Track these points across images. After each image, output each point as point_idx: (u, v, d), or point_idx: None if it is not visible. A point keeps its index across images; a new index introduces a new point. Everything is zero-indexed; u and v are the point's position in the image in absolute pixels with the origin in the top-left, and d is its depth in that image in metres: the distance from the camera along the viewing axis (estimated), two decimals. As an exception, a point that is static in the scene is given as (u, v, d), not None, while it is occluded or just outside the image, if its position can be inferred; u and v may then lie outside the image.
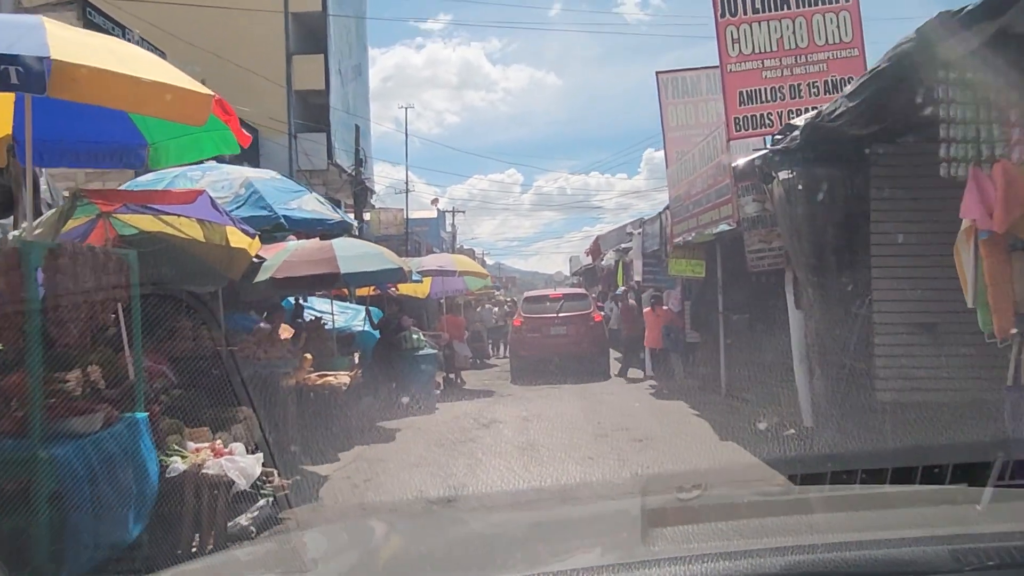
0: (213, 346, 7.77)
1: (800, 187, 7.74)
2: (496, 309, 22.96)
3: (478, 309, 21.25)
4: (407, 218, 32.85)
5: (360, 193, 26.90)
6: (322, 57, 27.80)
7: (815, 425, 8.12)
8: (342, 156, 28.37)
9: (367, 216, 41.19)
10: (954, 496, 2.12)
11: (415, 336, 12.00)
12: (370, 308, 13.33)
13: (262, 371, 7.11)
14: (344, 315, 13.46)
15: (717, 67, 12.42)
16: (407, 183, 33.38)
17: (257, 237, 6.90)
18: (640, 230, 14.83)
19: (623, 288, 19.75)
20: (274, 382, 7.26)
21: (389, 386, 12.00)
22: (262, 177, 8.07)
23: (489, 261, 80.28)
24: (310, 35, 28.49)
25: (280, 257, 10.36)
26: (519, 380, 15.36)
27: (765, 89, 8.33)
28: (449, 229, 50.93)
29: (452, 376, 14.61)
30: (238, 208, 7.31)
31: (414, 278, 12.15)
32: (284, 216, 7.34)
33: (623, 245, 19.03)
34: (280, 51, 27.34)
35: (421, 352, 11.95)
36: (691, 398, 11.92)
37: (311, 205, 7.96)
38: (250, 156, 27.45)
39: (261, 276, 9.95)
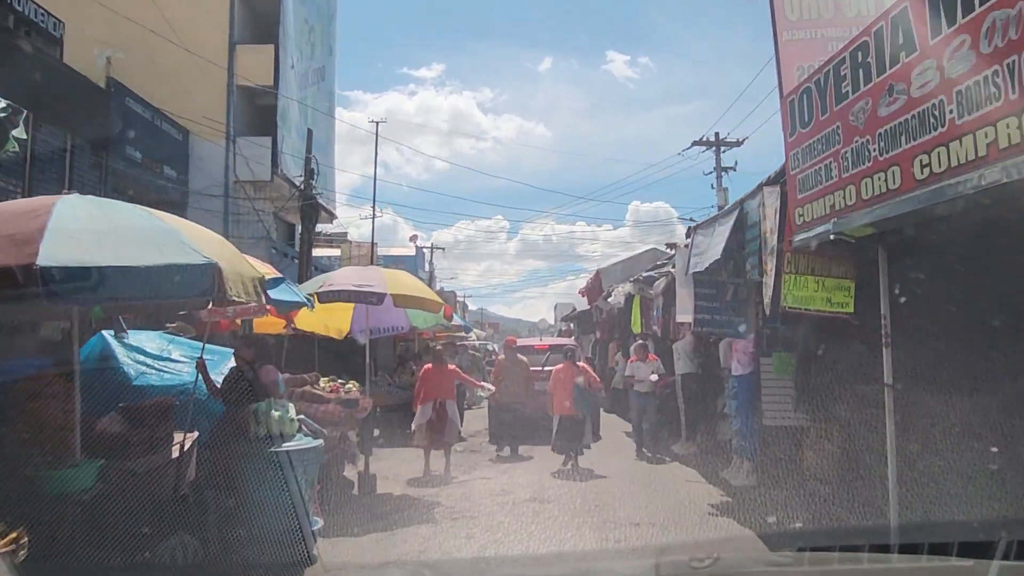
0: None
1: None
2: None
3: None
4: (372, 244, 26.75)
5: (310, 211, 20.73)
6: (272, 48, 21.95)
7: None
8: (293, 168, 22.32)
9: (337, 251, 35.16)
10: (960, 571, 2.14)
11: (277, 413, 5.71)
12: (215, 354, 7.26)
13: None
14: (187, 364, 7.24)
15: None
16: (374, 203, 27.36)
17: None
18: (689, 241, 8.71)
19: (640, 335, 13.59)
20: None
21: (217, 511, 5.69)
22: None
23: (472, 306, 73.87)
24: (260, 22, 22.70)
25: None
26: (496, 446, 11.37)
27: None
28: (428, 268, 44.79)
29: (365, 471, 8.25)
30: None
31: (279, 295, 6.02)
32: None
33: (645, 273, 12.85)
34: (222, 38, 21.52)
35: (287, 446, 5.64)
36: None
37: None
38: (177, 160, 21.39)
39: None
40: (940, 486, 5.03)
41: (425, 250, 42.72)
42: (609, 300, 15.19)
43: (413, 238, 42.18)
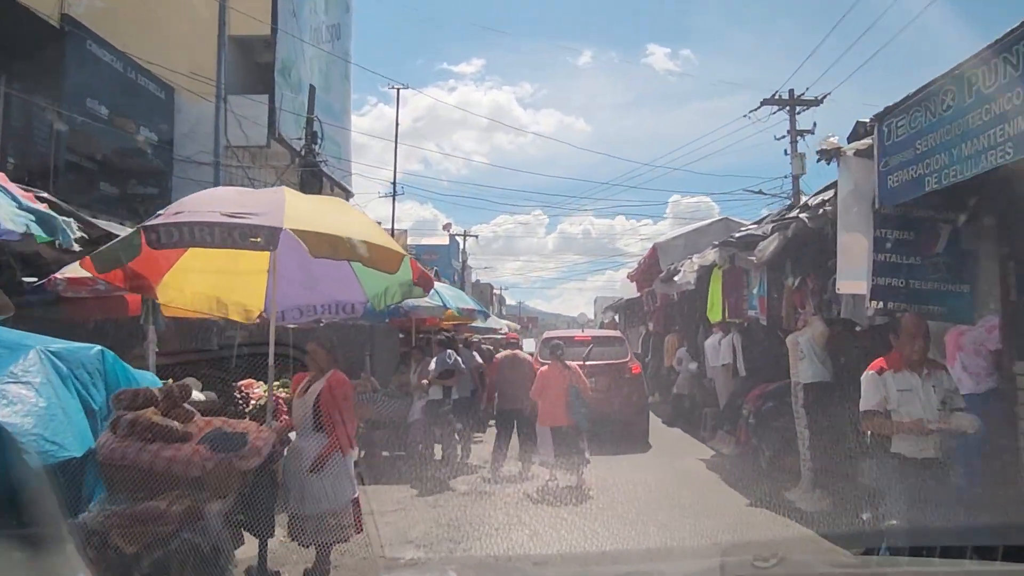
0: None
1: None
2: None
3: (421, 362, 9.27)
4: (393, 224, 22.95)
5: (311, 179, 17.00)
6: (270, -9, 18.24)
7: None
8: (297, 134, 18.58)
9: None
10: None
11: None
12: None
13: None
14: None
15: None
16: (395, 178, 23.51)
17: None
18: (872, 140, 4.45)
19: (719, 324, 9.36)
20: None
21: None
22: None
23: (511, 300, 69.54)
24: (257, -38, 19.01)
25: None
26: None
27: None
28: (461, 258, 40.94)
29: (261, 568, 4.29)
30: None
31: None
32: None
33: (738, 234, 8.58)
34: (212, -20, 17.87)
35: None
36: None
37: None
38: (158, 121, 17.78)
39: None
40: None
41: (458, 238, 38.79)
42: (676, 279, 10.94)
43: (447, 226, 38.37)
